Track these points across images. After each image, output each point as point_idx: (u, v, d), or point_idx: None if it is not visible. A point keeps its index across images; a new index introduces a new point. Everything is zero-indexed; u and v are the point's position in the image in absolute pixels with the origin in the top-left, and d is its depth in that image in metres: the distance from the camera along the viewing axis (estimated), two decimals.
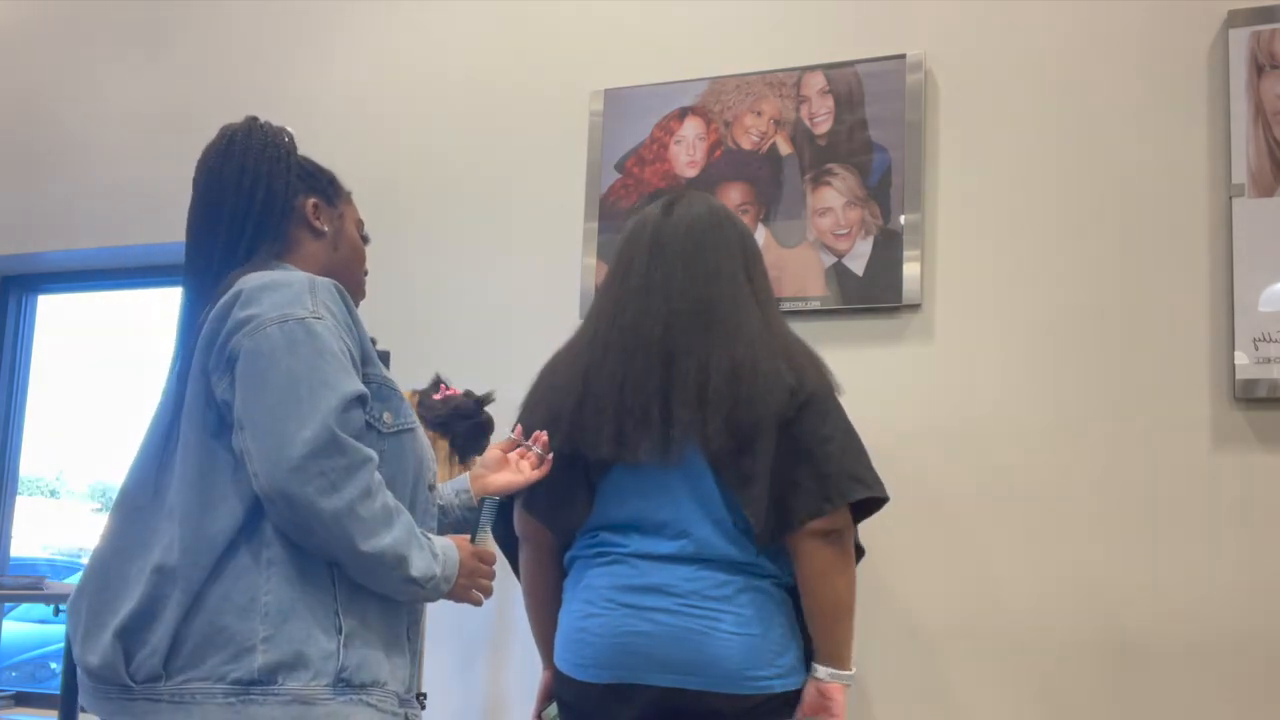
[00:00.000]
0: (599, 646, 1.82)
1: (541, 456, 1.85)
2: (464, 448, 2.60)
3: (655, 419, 1.78)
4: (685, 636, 1.77)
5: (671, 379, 1.79)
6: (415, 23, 3.14)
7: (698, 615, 1.77)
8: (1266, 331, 2.18)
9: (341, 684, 1.39)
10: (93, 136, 3.47)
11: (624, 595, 1.82)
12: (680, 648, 1.77)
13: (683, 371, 1.79)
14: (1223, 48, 2.35)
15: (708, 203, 1.95)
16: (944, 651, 2.39)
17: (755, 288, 1.89)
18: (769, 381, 1.76)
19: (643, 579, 1.81)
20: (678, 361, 1.79)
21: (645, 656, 1.78)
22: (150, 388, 1.59)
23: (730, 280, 1.86)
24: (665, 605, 1.79)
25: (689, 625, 1.77)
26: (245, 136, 1.63)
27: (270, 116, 1.69)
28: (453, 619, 2.81)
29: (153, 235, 3.34)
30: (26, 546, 6.58)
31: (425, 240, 3.01)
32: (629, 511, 1.85)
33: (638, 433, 1.78)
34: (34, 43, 3.63)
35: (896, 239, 2.53)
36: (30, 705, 3.47)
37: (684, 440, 1.77)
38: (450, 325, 2.95)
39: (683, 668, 1.77)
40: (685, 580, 1.79)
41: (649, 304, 1.84)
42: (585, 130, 2.86)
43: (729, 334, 1.80)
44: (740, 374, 1.77)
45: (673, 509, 1.82)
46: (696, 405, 1.77)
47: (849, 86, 2.63)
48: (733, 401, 1.75)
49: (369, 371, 1.51)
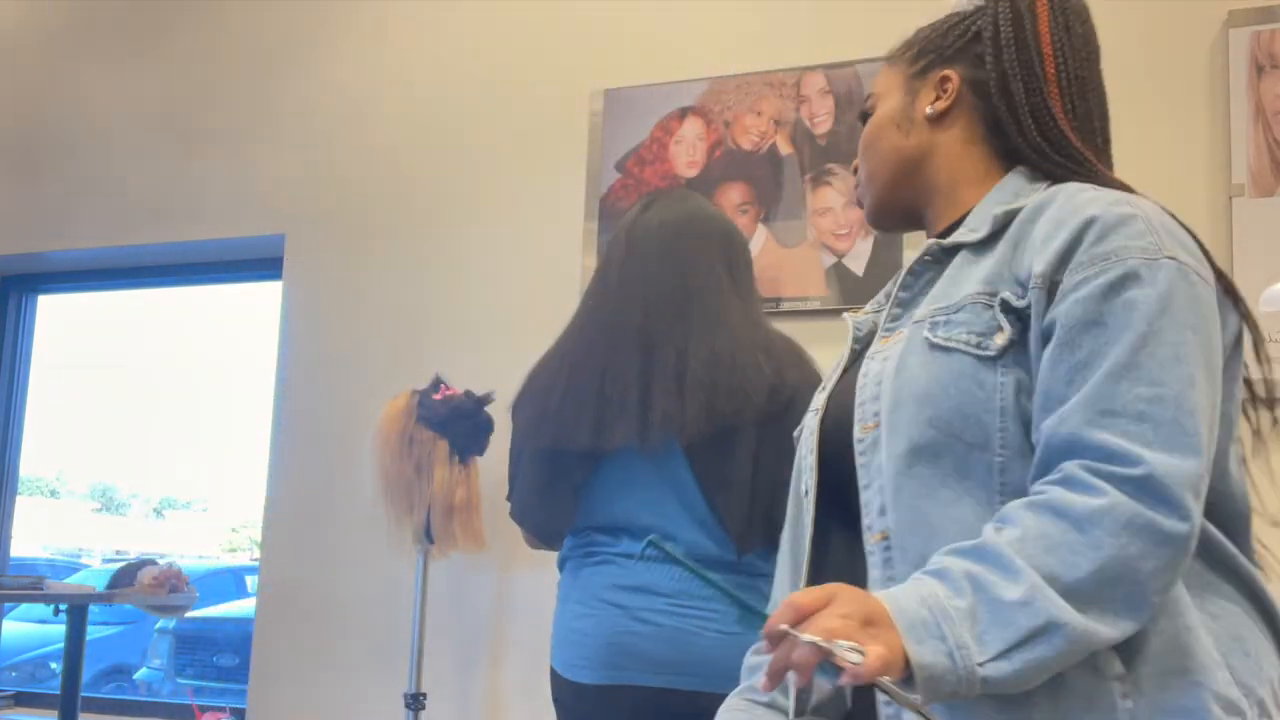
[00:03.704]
0: (591, 647, 1.81)
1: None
2: (464, 448, 2.60)
3: (634, 405, 1.76)
4: (676, 636, 1.76)
5: (651, 366, 1.77)
6: (415, 23, 3.14)
7: (689, 615, 1.76)
8: (1267, 331, 2.18)
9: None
10: (93, 136, 3.47)
11: (615, 595, 1.81)
12: (671, 648, 1.76)
13: (662, 359, 1.77)
14: (1223, 48, 2.35)
15: (687, 200, 1.95)
16: None
17: (737, 282, 1.86)
18: (749, 373, 1.74)
19: (633, 579, 1.80)
20: (657, 349, 1.78)
21: (637, 657, 1.77)
22: (150, 388, 1.58)
23: (708, 272, 1.84)
24: (656, 605, 1.78)
25: (679, 625, 1.76)
26: None
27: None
28: (453, 619, 2.81)
29: (153, 235, 3.34)
30: (26, 546, 6.59)
31: (425, 240, 3.01)
32: (617, 512, 1.84)
33: (615, 420, 1.77)
34: (34, 43, 3.63)
35: (896, 239, 2.53)
36: (30, 705, 3.47)
37: (663, 426, 1.74)
38: (450, 325, 2.95)
39: (674, 668, 1.76)
40: (675, 580, 1.78)
41: (627, 294, 1.83)
42: (585, 130, 2.86)
43: (708, 323, 1.78)
44: (719, 363, 1.74)
45: (658, 512, 1.81)
46: (676, 393, 1.75)
47: (849, 86, 2.63)
48: (712, 389, 1.73)
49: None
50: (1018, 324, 1.02)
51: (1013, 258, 1.05)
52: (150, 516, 10.44)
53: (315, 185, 3.15)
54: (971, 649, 0.90)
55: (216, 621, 5.77)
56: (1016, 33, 1.16)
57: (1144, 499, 0.91)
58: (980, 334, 1.03)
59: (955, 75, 1.19)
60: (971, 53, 1.19)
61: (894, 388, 1.06)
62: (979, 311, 1.04)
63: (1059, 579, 0.90)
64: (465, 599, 2.82)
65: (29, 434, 3.70)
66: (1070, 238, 1.01)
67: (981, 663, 0.89)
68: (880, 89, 1.27)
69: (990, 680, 0.90)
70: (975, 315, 1.04)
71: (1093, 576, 0.90)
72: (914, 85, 1.23)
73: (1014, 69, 1.15)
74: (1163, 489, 0.91)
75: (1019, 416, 1.01)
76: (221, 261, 3.42)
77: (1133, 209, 1.01)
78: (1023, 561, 0.91)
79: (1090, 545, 0.90)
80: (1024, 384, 1.01)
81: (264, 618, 3.05)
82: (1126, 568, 0.90)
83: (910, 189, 1.22)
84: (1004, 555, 0.92)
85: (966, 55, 1.19)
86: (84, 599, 3.04)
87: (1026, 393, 1.01)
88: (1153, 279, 0.97)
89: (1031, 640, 0.90)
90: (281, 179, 3.19)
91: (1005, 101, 1.15)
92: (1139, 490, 0.91)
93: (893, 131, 1.23)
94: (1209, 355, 0.98)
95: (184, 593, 3.02)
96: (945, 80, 1.20)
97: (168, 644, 5.67)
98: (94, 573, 7.00)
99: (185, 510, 10.37)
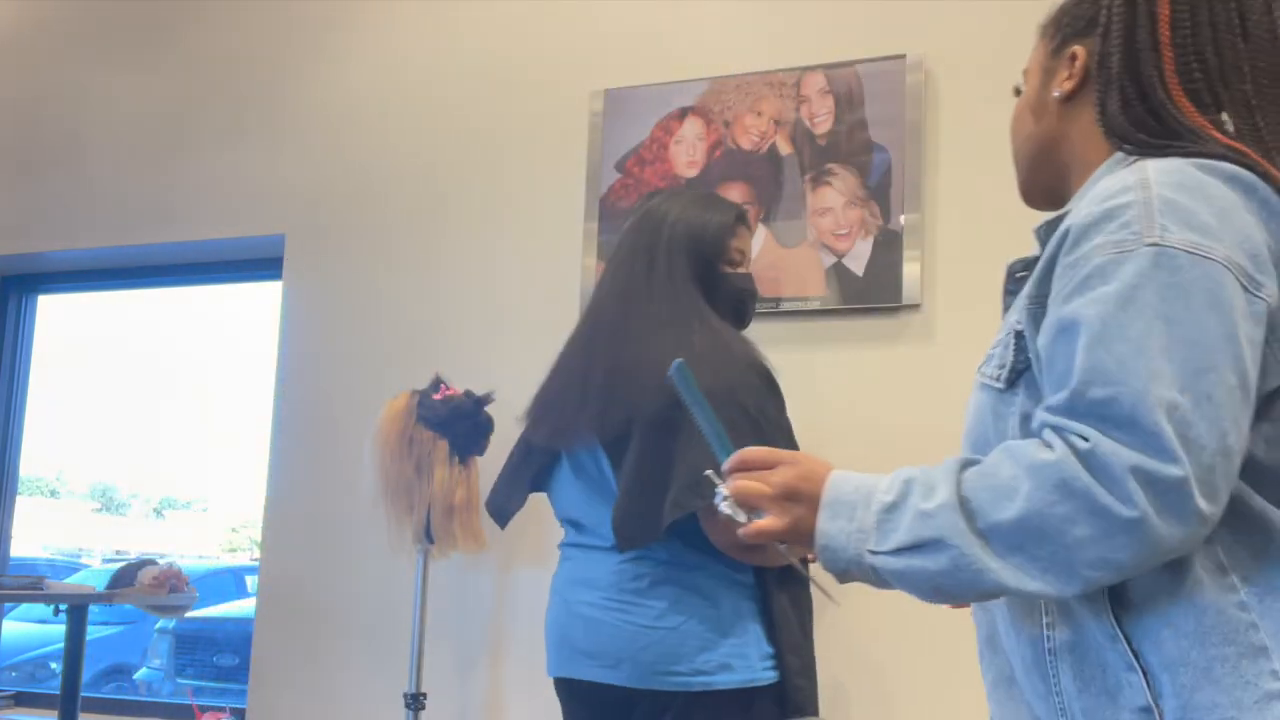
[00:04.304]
0: (549, 641, 1.91)
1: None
2: (464, 448, 2.60)
3: (572, 407, 1.86)
4: (602, 630, 1.79)
5: (589, 370, 1.86)
6: (415, 23, 3.14)
7: (614, 609, 1.79)
8: None
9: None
10: (93, 136, 3.47)
11: (564, 588, 1.89)
12: (599, 641, 1.79)
13: (595, 364, 1.86)
14: None
15: (648, 202, 2.01)
16: (939, 652, 2.39)
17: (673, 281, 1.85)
18: (643, 381, 1.74)
19: (580, 572, 1.87)
20: (595, 355, 1.87)
21: (575, 650, 1.83)
22: (150, 388, 1.58)
23: (640, 277, 1.88)
24: (590, 599, 1.82)
25: (605, 619, 1.79)
26: None
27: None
28: (453, 619, 2.81)
29: (153, 235, 3.34)
30: (26, 546, 6.59)
31: (425, 240, 3.01)
32: (567, 506, 1.94)
33: (568, 420, 1.87)
34: (34, 43, 3.63)
35: (896, 239, 2.53)
36: (30, 705, 3.47)
37: (587, 428, 1.83)
38: (450, 325, 2.95)
39: (604, 661, 1.78)
40: (610, 573, 1.81)
41: (595, 296, 1.99)
42: (585, 130, 2.86)
43: (624, 330, 1.85)
44: (620, 369, 1.80)
45: (591, 504, 1.87)
46: (596, 397, 1.82)
47: (849, 86, 2.63)
48: (609, 399, 1.80)
49: None
50: (1026, 349, 1.03)
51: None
52: (150, 516, 10.44)
53: (315, 185, 3.15)
54: (870, 537, 0.98)
55: (216, 621, 5.77)
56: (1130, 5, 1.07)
57: (1089, 468, 0.89)
58: (1001, 366, 1.07)
59: (1082, 52, 1.12)
60: (1097, 25, 1.10)
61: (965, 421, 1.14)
62: (1006, 344, 1.07)
63: (982, 515, 0.93)
64: (465, 599, 2.82)
65: (29, 434, 3.70)
66: (1050, 254, 1.00)
67: (874, 551, 0.98)
68: (1029, 65, 1.22)
69: (877, 570, 0.98)
70: (1003, 349, 1.07)
71: (1014, 523, 0.92)
72: (1050, 64, 1.17)
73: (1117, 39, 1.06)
74: (1106, 467, 0.88)
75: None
76: (221, 261, 3.42)
77: (1129, 197, 0.96)
78: (954, 485, 0.95)
79: (1024, 495, 0.91)
80: (1031, 411, 1.01)
81: (264, 618, 3.05)
82: (1050, 526, 0.90)
83: (1048, 173, 1.19)
84: (948, 476, 0.96)
85: (1093, 29, 1.11)
86: (84, 599, 3.05)
87: (1034, 418, 0.99)
88: (1116, 273, 0.93)
89: (920, 549, 0.95)
90: (281, 179, 3.19)
91: (1102, 76, 1.08)
92: (1085, 460, 0.90)
93: (1028, 116, 1.20)
94: (1199, 340, 0.90)
95: (184, 593, 3.02)
96: (1074, 58, 1.13)
97: (168, 644, 5.67)
98: (94, 573, 7.01)
99: (185, 510, 10.37)
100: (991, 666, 1.10)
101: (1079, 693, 0.99)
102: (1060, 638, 1.01)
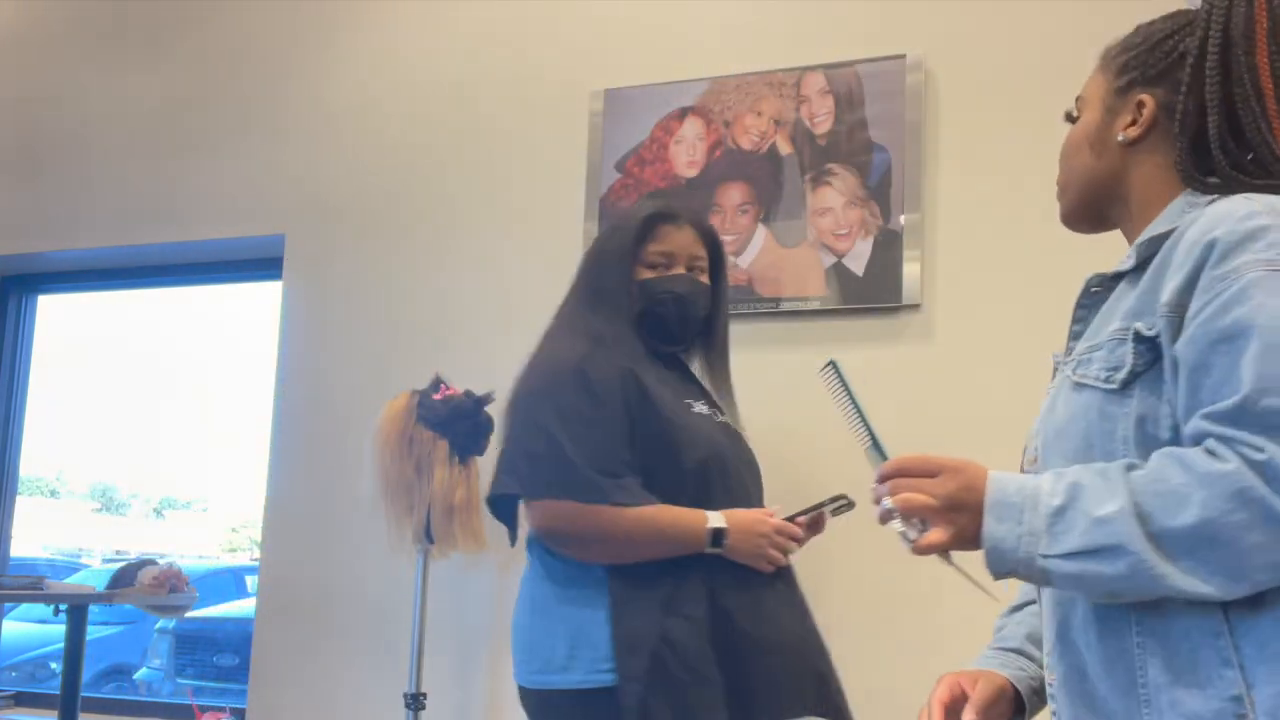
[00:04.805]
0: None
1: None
2: (464, 448, 2.60)
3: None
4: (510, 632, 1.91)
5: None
6: (415, 23, 3.14)
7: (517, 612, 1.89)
8: None
9: None
10: (93, 136, 3.47)
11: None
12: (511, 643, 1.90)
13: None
14: None
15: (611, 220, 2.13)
16: (945, 652, 2.39)
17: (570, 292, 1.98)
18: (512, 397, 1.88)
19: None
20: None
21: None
22: (150, 388, 1.59)
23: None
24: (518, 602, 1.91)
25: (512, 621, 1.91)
26: None
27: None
28: (453, 619, 2.81)
29: (153, 235, 3.34)
30: (26, 546, 6.58)
31: (425, 240, 3.01)
32: None
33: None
34: (34, 43, 3.63)
35: (896, 239, 2.53)
36: (30, 705, 3.47)
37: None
38: (450, 325, 2.95)
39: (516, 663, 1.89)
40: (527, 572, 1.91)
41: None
42: (585, 130, 2.86)
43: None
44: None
45: None
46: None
47: (849, 86, 2.63)
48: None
49: None
50: (1148, 354, 1.05)
51: (1156, 285, 1.07)
52: (150, 516, 10.43)
53: (315, 185, 3.15)
54: (1041, 539, 1.00)
55: (216, 621, 5.77)
56: (1223, 57, 1.10)
57: (1266, 479, 0.92)
58: (1111, 369, 1.08)
59: (1150, 101, 1.15)
60: (1173, 77, 1.14)
61: (1046, 426, 1.15)
62: (1114, 348, 1.08)
63: (1154, 520, 0.95)
64: (465, 599, 2.82)
65: (29, 434, 3.70)
66: (1195, 264, 1.02)
67: (1046, 555, 1.00)
68: (1087, 94, 1.25)
69: (1049, 573, 1.00)
70: (1110, 352, 1.09)
71: (1189, 529, 0.94)
72: (1114, 103, 1.20)
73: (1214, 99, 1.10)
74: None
75: (1141, 443, 1.04)
76: (221, 261, 3.42)
77: (1269, 219, 1.01)
78: (1128, 491, 0.97)
79: (1198, 502, 0.94)
80: (1150, 413, 1.04)
81: (264, 618, 3.05)
82: (1227, 533, 0.93)
83: (1101, 205, 1.22)
84: (1115, 481, 0.99)
85: (1168, 80, 1.15)
86: (84, 599, 3.05)
87: (1153, 420, 1.04)
88: (1273, 288, 0.97)
89: (1097, 554, 0.97)
90: (281, 179, 3.19)
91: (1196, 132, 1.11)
92: (1261, 470, 0.92)
93: (1086, 150, 1.22)
94: None
95: (184, 593, 3.02)
96: (1141, 105, 1.16)
97: (168, 644, 5.66)
98: (94, 573, 7.00)
99: (185, 510, 10.36)
100: (1061, 661, 1.11)
101: (1169, 684, 1.01)
102: (1151, 631, 1.03)
